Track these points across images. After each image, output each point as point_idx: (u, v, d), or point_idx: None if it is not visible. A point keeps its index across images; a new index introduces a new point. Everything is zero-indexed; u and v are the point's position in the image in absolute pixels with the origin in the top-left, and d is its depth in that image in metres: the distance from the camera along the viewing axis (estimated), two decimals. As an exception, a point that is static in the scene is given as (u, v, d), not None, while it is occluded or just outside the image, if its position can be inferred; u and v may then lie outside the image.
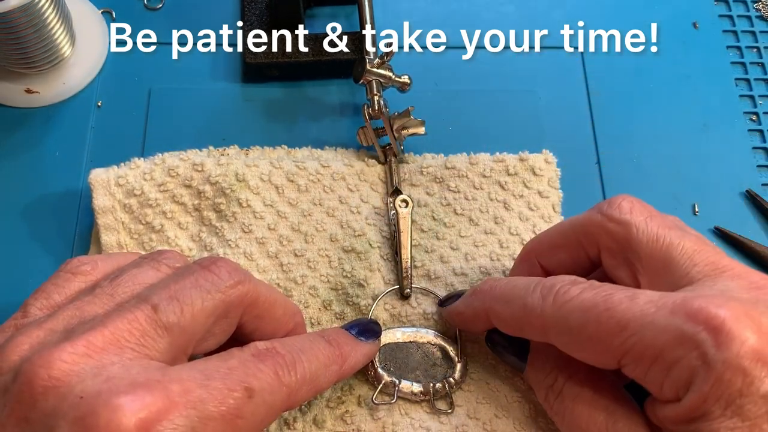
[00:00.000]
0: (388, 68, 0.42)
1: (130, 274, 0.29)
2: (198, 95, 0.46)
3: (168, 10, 0.49)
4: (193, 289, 0.28)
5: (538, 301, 0.30)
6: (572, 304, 0.29)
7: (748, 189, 0.44)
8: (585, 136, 0.46)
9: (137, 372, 0.25)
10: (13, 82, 0.45)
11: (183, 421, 0.24)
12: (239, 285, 0.29)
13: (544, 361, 0.33)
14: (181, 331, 0.27)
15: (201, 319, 0.28)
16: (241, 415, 0.26)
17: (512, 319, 0.32)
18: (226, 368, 0.27)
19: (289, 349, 0.29)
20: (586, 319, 0.28)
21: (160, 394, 0.24)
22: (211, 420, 0.25)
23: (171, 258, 0.31)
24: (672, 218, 0.32)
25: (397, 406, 0.36)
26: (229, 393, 0.26)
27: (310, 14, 0.49)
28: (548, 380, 0.32)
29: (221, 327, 0.30)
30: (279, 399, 0.28)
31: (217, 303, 0.28)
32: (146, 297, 0.27)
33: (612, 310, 0.27)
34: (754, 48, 0.50)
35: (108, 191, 0.40)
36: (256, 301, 0.30)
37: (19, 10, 0.40)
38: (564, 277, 0.30)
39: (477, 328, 0.37)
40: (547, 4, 0.50)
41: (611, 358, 0.28)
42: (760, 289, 0.27)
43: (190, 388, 0.25)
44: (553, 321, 0.29)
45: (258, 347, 0.29)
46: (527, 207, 0.41)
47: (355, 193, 0.42)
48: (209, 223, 0.40)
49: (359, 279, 0.39)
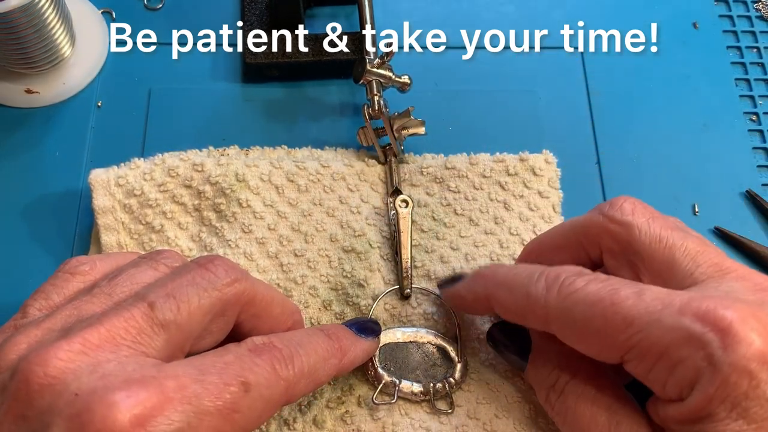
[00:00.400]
0: (388, 68, 0.42)
1: (128, 273, 0.29)
2: (198, 95, 0.46)
3: (168, 10, 0.49)
4: (190, 286, 0.28)
5: (542, 291, 0.30)
6: (577, 296, 0.28)
7: (748, 189, 0.44)
8: (585, 136, 0.46)
9: (133, 369, 0.25)
10: (13, 82, 0.45)
11: (178, 417, 0.24)
12: (236, 283, 0.29)
13: (545, 361, 0.32)
14: (177, 328, 0.27)
15: (198, 316, 0.28)
16: (238, 409, 0.26)
17: (514, 307, 0.32)
18: (222, 363, 0.27)
19: (286, 343, 0.29)
20: (592, 312, 0.28)
21: (155, 390, 0.24)
22: (207, 415, 0.25)
23: (169, 257, 0.31)
24: (673, 219, 0.32)
25: (397, 407, 0.36)
26: (225, 388, 0.26)
27: (310, 14, 0.49)
28: (550, 380, 0.32)
29: (218, 325, 0.30)
30: (277, 393, 0.28)
31: (213, 301, 0.28)
32: (143, 295, 0.27)
33: (618, 305, 0.27)
34: (754, 48, 0.50)
35: (108, 191, 0.40)
36: (254, 299, 0.30)
37: (19, 10, 0.40)
38: (569, 267, 0.30)
39: (477, 312, 0.36)
40: (547, 4, 0.50)
41: (614, 353, 0.28)
42: (764, 291, 0.27)
43: (186, 383, 0.25)
44: (557, 312, 0.29)
45: (255, 342, 0.29)
46: (527, 207, 0.41)
47: (355, 193, 0.42)
48: (209, 223, 0.40)
49: (359, 279, 0.39)
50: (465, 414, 0.36)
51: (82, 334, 0.25)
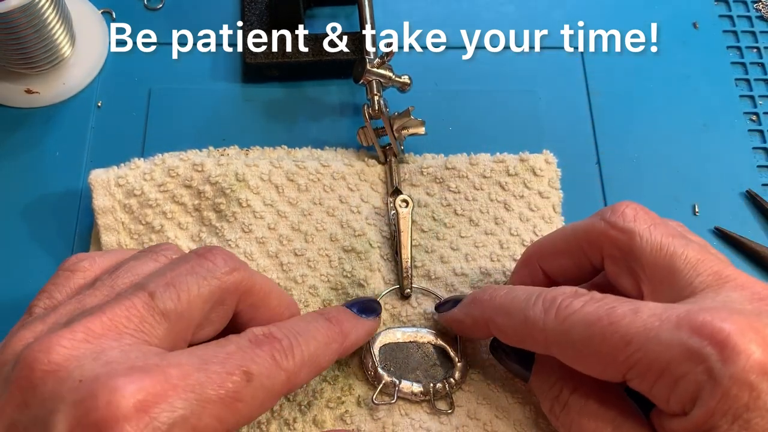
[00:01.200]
0: (388, 68, 0.42)
1: (129, 266, 0.30)
2: (198, 95, 0.46)
3: (168, 10, 0.49)
4: (190, 275, 0.28)
5: (539, 315, 0.30)
6: (575, 317, 0.28)
7: (748, 189, 0.44)
8: (585, 136, 0.46)
9: (136, 356, 0.25)
10: (13, 83, 0.45)
11: (182, 404, 0.24)
12: (234, 272, 0.30)
13: (549, 373, 0.32)
14: (178, 317, 0.27)
15: (198, 304, 0.28)
16: (240, 398, 0.26)
17: (513, 332, 0.32)
18: (224, 353, 0.27)
19: (286, 333, 0.29)
20: (590, 333, 0.28)
21: (159, 378, 0.24)
22: (210, 403, 0.25)
23: (169, 250, 0.31)
24: (675, 225, 0.32)
25: (397, 407, 0.36)
26: (227, 377, 0.26)
27: (310, 14, 0.49)
28: (553, 391, 0.32)
29: (218, 314, 0.30)
30: (278, 383, 0.28)
31: (213, 289, 0.29)
32: (143, 285, 0.28)
33: (615, 324, 0.27)
34: (754, 48, 0.50)
35: (108, 191, 0.40)
36: (252, 289, 0.31)
37: (19, 10, 0.40)
38: (565, 288, 0.30)
39: (476, 336, 0.36)
40: (547, 4, 0.50)
41: (616, 372, 0.28)
42: (763, 300, 0.27)
43: (189, 372, 0.25)
44: (556, 335, 0.29)
45: (255, 333, 0.29)
46: (527, 207, 0.41)
47: (355, 192, 0.42)
48: (209, 223, 0.40)
49: (359, 279, 0.39)
50: (465, 414, 0.36)
51: (85, 322, 0.26)
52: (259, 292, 0.31)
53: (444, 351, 0.38)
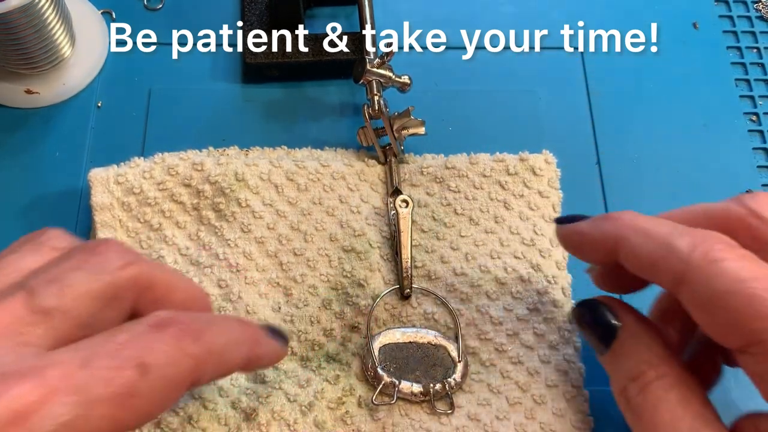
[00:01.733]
0: (388, 68, 0.42)
1: (6, 261, 0.27)
2: (198, 95, 0.46)
3: (168, 10, 0.49)
4: (77, 271, 0.26)
5: (686, 246, 0.27)
6: (724, 265, 0.26)
7: (748, 189, 0.44)
8: (585, 136, 0.46)
9: (11, 361, 0.23)
10: (13, 83, 0.45)
11: (64, 409, 0.22)
12: (129, 266, 0.27)
13: (633, 351, 0.30)
14: (63, 315, 0.25)
15: (86, 301, 0.26)
16: (135, 393, 0.24)
17: (647, 254, 0.29)
18: (113, 344, 0.24)
19: (193, 318, 0.27)
20: (734, 289, 0.26)
21: (36, 382, 0.22)
22: (98, 403, 0.23)
23: (54, 238, 0.28)
24: None
25: (397, 407, 0.36)
26: (117, 372, 0.23)
27: (310, 14, 0.49)
28: (633, 372, 0.30)
29: (112, 312, 0.27)
30: (184, 371, 0.25)
31: (103, 285, 0.26)
32: (22, 283, 0.25)
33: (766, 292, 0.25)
34: (754, 48, 0.50)
35: (107, 189, 0.40)
36: (152, 284, 0.28)
37: (19, 11, 0.40)
38: (722, 235, 0.28)
39: (593, 254, 0.33)
40: (547, 4, 0.50)
41: (737, 339, 0.26)
42: None
43: (71, 371, 0.23)
44: (696, 273, 0.27)
45: (158, 316, 0.26)
46: (527, 207, 0.41)
47: (355, 192, 0.42)
48: (208, 222, 0.40)
49: (359, 279, 0.39)
50: (465, 415, 0.36)
51: None
52: (160, 288, 0.28)
53: (444, 351, 0.38)
